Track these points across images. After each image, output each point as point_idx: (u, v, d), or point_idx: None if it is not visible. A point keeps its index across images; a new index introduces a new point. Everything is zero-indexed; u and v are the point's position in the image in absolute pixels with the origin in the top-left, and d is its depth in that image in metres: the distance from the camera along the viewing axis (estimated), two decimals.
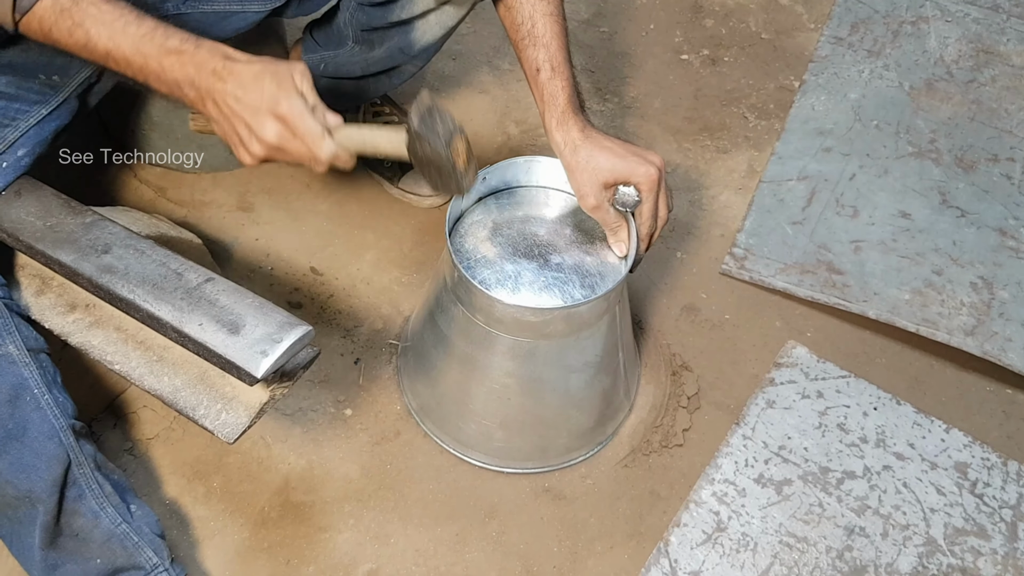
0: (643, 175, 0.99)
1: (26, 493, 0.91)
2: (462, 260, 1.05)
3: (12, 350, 0.90)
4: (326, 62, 1.33)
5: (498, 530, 1.15)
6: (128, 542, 0.97)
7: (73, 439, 0.95)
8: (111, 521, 0.96)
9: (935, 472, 1.20)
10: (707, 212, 1.48)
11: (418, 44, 1.23)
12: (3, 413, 0.90)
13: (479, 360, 1.09)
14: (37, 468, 0.91)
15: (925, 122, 1.58)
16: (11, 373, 0.88)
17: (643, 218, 1.03)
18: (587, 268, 1.06)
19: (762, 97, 1.65)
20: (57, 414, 0.94)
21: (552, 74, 1.02)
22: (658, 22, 1.78)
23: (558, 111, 1.02)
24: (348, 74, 1.32)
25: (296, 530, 1.14)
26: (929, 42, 1.73)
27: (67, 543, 0.95)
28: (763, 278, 1.37)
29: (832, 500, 1.17)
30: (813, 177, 1.50)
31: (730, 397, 1.26)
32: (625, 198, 1.01)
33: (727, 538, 1.14)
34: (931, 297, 1.34)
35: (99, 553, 0.96)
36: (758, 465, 1.20)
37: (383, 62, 1.28)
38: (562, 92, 1.02)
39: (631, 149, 1.01)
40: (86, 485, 0.96)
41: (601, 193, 1.01)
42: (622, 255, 1.06)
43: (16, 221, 1.00)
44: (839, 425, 1.24)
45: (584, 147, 1.00)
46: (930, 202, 1.46)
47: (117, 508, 0.97)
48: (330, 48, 1.32)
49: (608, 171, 1.00)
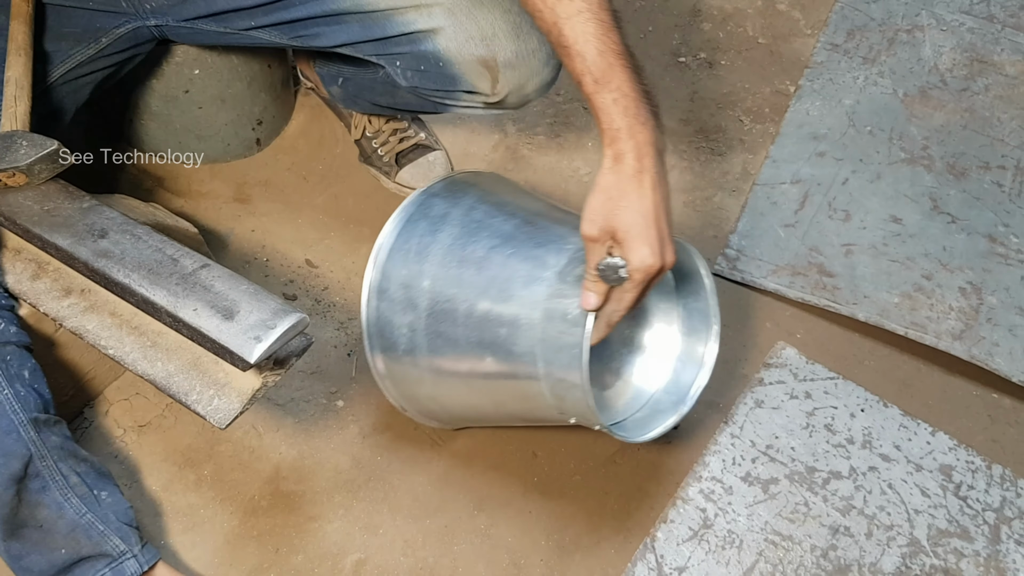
0: (641, 260, 0.83)
1: None
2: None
3: None
4: (346, 77, 1.30)
5: (486, 523, 1.16)
6: (93, 531, 0.97)
7: (35, 433, 0.95)
8: (75, 511, 0.96)
9: (920, 474, 1.21)
10: (701, 213, 1.49)
11: (453, 111, 1.21)
12: None
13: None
14: None
15: (918, 129, 1.60)
16: None
17: (611, 300, 0.88)
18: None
19: (758, 101, 1.66)
20: (17, 408, 0.94)
21: (596, 87, 0.83)
22: (656, 24, 1.79)
23: (606, 130, 0.84)
24: (373, 99, 1.29)
25: (286, 519, 1.14)
26: (924, 50, 1.74)
27: (31, 534, 0.95)
28: (755, 279, 1.38)
29: (818, 500, 1.18)
30: (806, 181, 1.51)
31: (719, 396, 1.27)
32: (607, 269, 0.87)
33: (713, 535, 1.14)
34: (920, 301, 1.35)
35: (63, 543, 0.96)
36: (745, 464, 1.21)
37: (413, 105, 1.26)
38: (613, 107, 0.83)
39: (660, 227, 0.84)
40: (49, 477, 0.96)
41: (604, 233, 0.85)
42: (587, 307, 0.90)
43: (13, 205, 1.01)
44: (826, 426, 1.25)
45: (625, 183, 0.83)
46: (921, 208, 1.48)
47: (83, 498, 0.97)
48: (351, 63, 1.28)
49: (621, 225, 0.83)
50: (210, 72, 1.39)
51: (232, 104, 1.46)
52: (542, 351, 0.94)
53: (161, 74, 1.37)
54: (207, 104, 1.43)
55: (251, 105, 1.48)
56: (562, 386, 0.94)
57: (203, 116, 1.45)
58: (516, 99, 1.13)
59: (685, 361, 1.10)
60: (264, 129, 1.54)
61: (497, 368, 0.98)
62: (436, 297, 0.99)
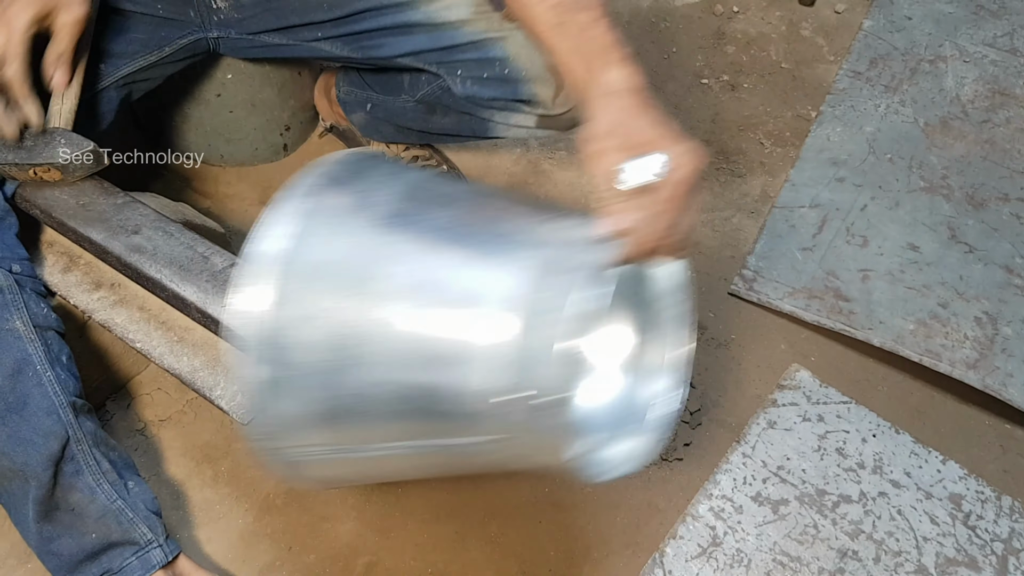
0: (683, 154, 0.69)
1: (20, 467, 0.93)
2: None
3: (18, 325, 0.92)
4: (374, 104, 1.29)
5: (497, 531, 1.17)
6: (123, 518, 0.98)
7: (72, 416, 0.97)
8: (107, 497, 0.98)
9: (930, 502, 1.22)
10: (719, 233, 1.50)
11: (493, 134, 1.18)
12: (4, 386, 0.92)
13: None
14: (34, 442, 0.93)
15: (938, 158, 1.61)
16: (16, 348, 0.91)
17: (653, 203, 0.69)
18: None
19: (779, 125, 1.68)
20: (58, 391, 0.96)
21: (592, 24, 0.75)
22: (680, 46, 1.81)
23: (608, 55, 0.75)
24: (405, 124, 1.27)
25: (299, 518, 1.16)
26: (946, 81, 1.76)
27: (63, 517, 0.97)
28: (771, 300, 1.39)
29: (827, 522, 1.19)
30: (825, 205, 1.52)
31: (732, 415, 1.28)
32: (640, 167, 0.68)
33: (722, 553, 1.15)
34: (935, 329, 1.36)
35: (94, 528, 0.98)
36: (756, 483, 1.21)
37: (448, 128, 1.24)
38: (610, 33, 0.75)
39: (680, 133, 0.72)
40: (83, 461, 0.97)
41: (618, 141, 0.70)
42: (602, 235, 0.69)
43: (49, 198, 1.04)
44: (838, 449, 1.25)
45: (631, 97, 0.72)
46: (939, 236, 1.49)
47: (114, 485, 0.99)
48: (378, 91, 1.27)
49: (642, 128, 0.70)
50: (242, 77, 1.42)
51: (262, 109, 1.48)
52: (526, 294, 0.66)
53: (195, 77, 1.40)
54: (237, 108, 1.46)
55: (280, 111, 1.51)
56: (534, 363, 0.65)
57: (233, 120, 1.47)
58: (573, 115, 1.11)
59: (642, 377, 0.87)
60: (291, 135, 1.56)
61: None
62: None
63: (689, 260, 0.82)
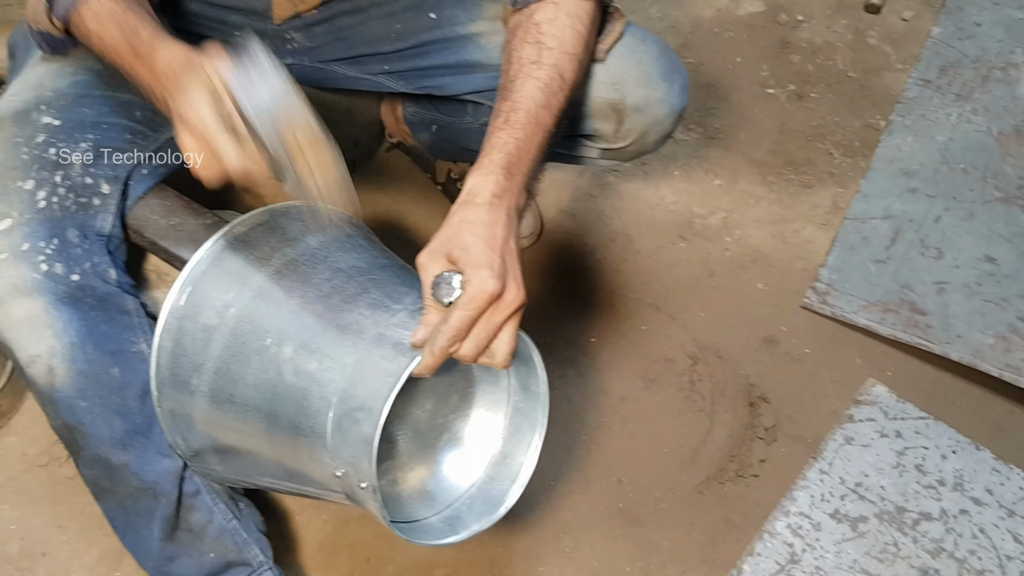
0: (478, 277, 0.73)
1: (150, 485, 0.95)
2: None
3: (144, 348, 0.94)
4: (440, 125, 1.27)
5: (571, 546, 1.17)
6: (238, 538, 1.00)
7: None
8: (223, 517, 0.99)
9: (1012, 520, 1.19)
10: (790, 245, 1.49)
11: (557, 161, 1.17)
12: (133, 408, 0.93)
13: None
14: (161, 462, 0.95)
15: (1013, 168, 1.58)
16: (143, 371, 0.92)
17: (454, 318, 0.73)
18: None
19: (848, 134, 1.66)
20: None
21: (505, 126, 0.83)
22: (745, 55, 1.80)
23: (491, 160, 0.81)
24: (470, 146, 1.23)
25: (377, 530, 1.17)
26: (1019, 89, 1.72)
27: (183, 536, 0.98)
28: (845, 314, 1.38)
29: (907, 540, 1.17)
30: (897, 217, 1.50)
31: (807, 431, 1.27)
32: (440, 283, 0.75)
33: (800, 571, 1.14)
34: (1015, 343, 1.33)
35: (212, 548, 0.99)
36: (834, 500, 1.20)
37: None
38: (506, 147, 0.82)
39: (507, 257, 0.76)
40: (201, 481, 0.99)
41: (442, 257, 0.76)
42: (414, 342, 0.76)
43: (142, 219, 1.06)
44: (917, 466, 1.23)
45: (478, 210, 0.77)
46: (1016, 248, 1.45)
47: (228, 505, 1.00)
48: (444, 113, 1.25)
49: (458, 245, 0.75)
50: (314, 96, 1.44)
51: (333, 125, 1.50)
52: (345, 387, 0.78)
53: None
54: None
55: (348, 128, 1.53)
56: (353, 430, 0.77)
57: None
58: (636, 148, 1.10)
59: (501, 466, 0.91)
60: (360, 151, 1.59)
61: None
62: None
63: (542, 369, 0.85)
